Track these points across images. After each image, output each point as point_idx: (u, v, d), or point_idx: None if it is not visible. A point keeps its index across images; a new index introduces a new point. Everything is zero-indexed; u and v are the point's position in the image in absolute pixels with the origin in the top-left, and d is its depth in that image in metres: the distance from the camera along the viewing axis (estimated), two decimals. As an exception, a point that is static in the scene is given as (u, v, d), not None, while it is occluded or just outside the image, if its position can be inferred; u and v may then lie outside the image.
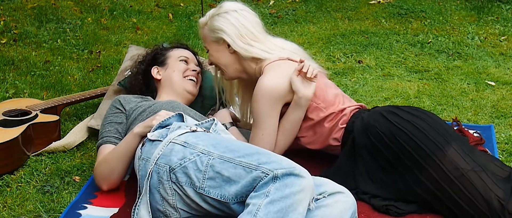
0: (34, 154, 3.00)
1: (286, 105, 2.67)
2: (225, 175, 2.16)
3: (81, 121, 3.31)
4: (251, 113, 2.72)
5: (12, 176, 2.84)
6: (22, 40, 4.57)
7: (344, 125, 2.67)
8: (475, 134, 3.14)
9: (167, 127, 2.45)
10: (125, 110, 2.81)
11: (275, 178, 2.06)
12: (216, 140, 2.29)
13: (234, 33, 2.69)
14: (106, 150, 2.66)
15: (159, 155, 2.28)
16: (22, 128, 2.94)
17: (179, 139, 2.30)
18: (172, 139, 2.31)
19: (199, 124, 2.50)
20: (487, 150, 2.91)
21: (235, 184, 2.14)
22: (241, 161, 2.15)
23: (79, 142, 3.12)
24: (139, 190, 2.32)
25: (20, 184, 2.78)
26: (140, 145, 2.46)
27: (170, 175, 2.24)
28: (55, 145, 3.04)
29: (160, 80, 3.02)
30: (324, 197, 2.22)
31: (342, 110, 2.69)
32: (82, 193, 2.65)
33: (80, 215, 2.50)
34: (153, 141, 2.39)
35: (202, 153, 2.23)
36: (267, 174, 2.07)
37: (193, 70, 3.04)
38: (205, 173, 2.19)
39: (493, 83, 3.91)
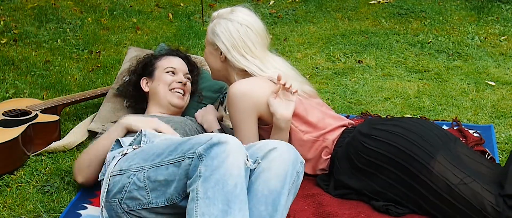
0: (34, 154, 3.00)
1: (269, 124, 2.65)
2: (162, 180, 2.17)
3: (81, 121, 3.31)
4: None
5: (12, 176, 2.84)
6: (22, 40, 4.57)
7: (329, 156, 2.65)
8: (475, 134, 3.14)
9: (105, 161, 2.49)
10: None
11: (200, 157, 2.06)
12: (144, 152, 2.30)
13: (230, 44, 2.66)
14: None
15: (105, 192, 2.32)
16: (22, 128, 2.94)
17: (115, 170, 2.33)
18: (110, 173, 2.34)
19: (131, 143, 2.50)
20: (487, 150, 2.91)
21: (173, 183, 2.15)
22: (169, 159, 2.16)
23: (79, 142, 3.12)
24: None
25: (20, 184, 2.78)
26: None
27: (121, 206, 2.27)
28: (55, 145, 3.04)
29: (148, 92, 3.02)
30: (258, 163, 2.19)
31: (323, 136, 2.65)
32: (82, 193, 2.65)
33: (80, 215, 2.50)
34: (100, 181, 2.43)
35: (136, 171, 2.25)
36: (192, 157, 2.07)
37: (179, 82, 2.98)
38: (146, 188, 2.21)
39: (493, 83, 3.91)
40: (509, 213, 2.27)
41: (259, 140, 2.66)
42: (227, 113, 3.04)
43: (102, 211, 2.31)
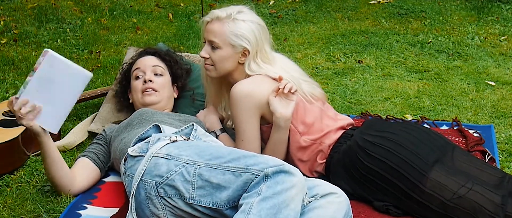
0: (34, 154, 3.00)
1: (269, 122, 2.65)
2: (214, 182, 2.16)
3: (81, 121, 3.31)
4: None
5: (12, 176, 2.84)
6: (22, 40, 4.57)
7: (324, 160, 2.65)
8: (475, 134, 3.14)
9: (146, 140, 2.45)
10: (106, 134, 2.86)
11: (266, 177, 2.07)
12: (199, 148, 2.28)
13: (256, 49, 2.64)
14: (80, 162, 2.70)
15: (144, 170, 2.28)
16: (22, 128, 2.93)
17: (161, 152, 2.30)
18: (154, 153, 2.30)
19: (178, 132, 2.48)
20: (487, 150, 2.91)
21: (226, 190, 2.14)
22: (229, 166, 2.15)
23: (79, 142, 3.12)
24: (130, 205, 2.33)
25: (20, 184, 2.78)
26: (123, 160, 2.47)
27: (157, 190, 2.25)
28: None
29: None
30: (316, 199, 2.22)
31: (319, 140, 2.65)
32: (82, 193, 2.65)
33: (80, 215, 2.50)
34: (135, 156, 2.39)
35: (187, 163, 2.22)
36: (257, 174, 2.08)
37: (144, 83, 2.94)
38: (193, 183, 2.19)
39: (493, 83, 3.91)
40: None
41: (260, 138, 2.66)
42: (226, 113, 3.04)
43: (135, 192, 2.28)
